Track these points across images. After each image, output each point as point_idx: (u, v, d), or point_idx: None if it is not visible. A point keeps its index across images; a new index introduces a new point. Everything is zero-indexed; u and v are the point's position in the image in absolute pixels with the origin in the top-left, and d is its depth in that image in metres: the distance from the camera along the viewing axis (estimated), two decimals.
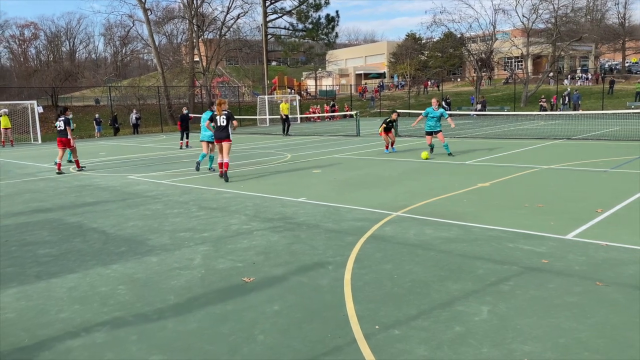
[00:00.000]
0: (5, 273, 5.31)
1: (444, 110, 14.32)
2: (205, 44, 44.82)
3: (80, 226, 7.32)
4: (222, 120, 11.16)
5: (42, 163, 16.42)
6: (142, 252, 5.92)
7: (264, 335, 3.68)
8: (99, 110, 38.00)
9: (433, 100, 14.62)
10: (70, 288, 4.81)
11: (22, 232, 7.04)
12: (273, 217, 7.42)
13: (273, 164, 14.07)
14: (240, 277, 4.93)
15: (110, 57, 73.58)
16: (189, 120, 21.60)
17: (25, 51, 71.39)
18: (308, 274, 4.95)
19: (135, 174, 12.89)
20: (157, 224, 7.27)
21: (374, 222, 6.85)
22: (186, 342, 3.62)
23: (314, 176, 11.46)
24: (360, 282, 4.67)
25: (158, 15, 46.40)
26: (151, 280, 4.94)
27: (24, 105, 29.46)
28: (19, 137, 28.23)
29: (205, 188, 10.25)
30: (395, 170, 11.82)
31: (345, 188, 9.75)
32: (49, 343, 3.69)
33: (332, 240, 6.08)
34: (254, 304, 4.25)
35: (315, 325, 3.82)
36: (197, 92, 43.62)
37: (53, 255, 5.91)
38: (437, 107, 14.11)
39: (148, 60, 70.52)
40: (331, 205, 8.13)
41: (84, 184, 11.41)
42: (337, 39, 55.13)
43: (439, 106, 14.24)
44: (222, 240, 6.31)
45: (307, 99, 54.64)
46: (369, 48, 79.62)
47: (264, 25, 45.27)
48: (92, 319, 4.09)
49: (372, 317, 3.92)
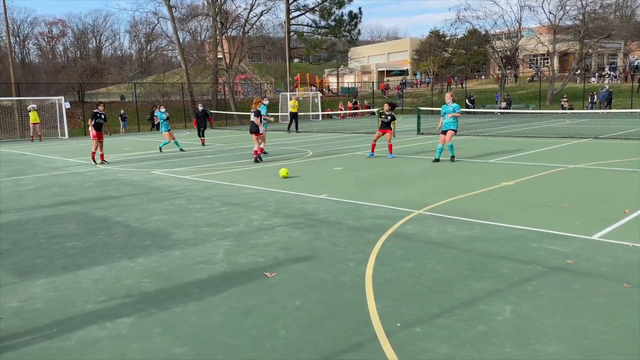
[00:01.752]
0: (35, 264, 5.45)
1: (457, 105, 12.82)
2: (228, 41, 45.12)
3: (106, 220, 7.47)
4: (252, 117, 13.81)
5: (69, 158, 16.76)
6: (166, 246, 6.01)
7: (285, 330, 3.71)
8: (124, 107, 38.59)
9: (447, 94, 13.34)
10: (96, 280, 4.91)
11: (50, 225, 7.21)
12: (294, 214, 7.45)
13: (294, 160, 14.11)
14: (262, 272, 4.97)
15: (135, 54, 74.61)
16: (206, 117, 20.95)
17: (54, 48, 72.88)
18: (329, 270, 4.97)
19: (159, 169, 13.07)
20: (180, 219, 7.37)
21: (396, 220, 6.83)
22: (209, 335, 3.67)
23: (336, 173, 11.46)
24: (381, 280, 4.66)
25: (182, 12, 46.84)
26: (175, 274, 5.02)
27: (51, 101, 30.09)
28: (47, 132, 28.85)
29: (228, 184, 10.34)
30: (417, 168, 11.75)
31: (367, 185, 9.73)
32: (76, 333, 3.78)
33: (353, 238, 6.08)
34: (276, 299, 4.29)
35: (337, 322, 3.83)
36: (220, 89, 43.94)
37: (80, 247, 6.04)
38: (450, 102, 12.73)
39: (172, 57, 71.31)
40: (352, 202, 8.12)
41: (109, 179, 11.62)
42: (360, 36, 54.88)
43: (453, 101, 12.81)
44: (244, 235, 6.36)
45: (329, 96, 54.61)
46: (392, 45, 79.11)
47: (286, 22, 45.37)
48: (117, 310, 4.18)
49: (394, 315, 3.91)
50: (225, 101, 42.34)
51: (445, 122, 12.66)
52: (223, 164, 13.66)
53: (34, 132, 26.73)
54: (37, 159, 16.75)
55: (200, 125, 20.46)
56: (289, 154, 15.63)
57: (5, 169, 14.13)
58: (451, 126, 12.63)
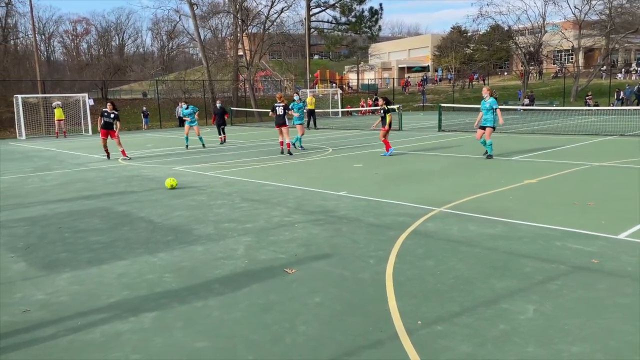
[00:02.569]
0: (60, 258, 5.56)
1: (493, 100, 12.46)
2: (249, 38, 45.30)
3: (129, 215, 7.58)
4: (280, 110, 14.72)
5: (93, 154, 17.04)
6: (187, 241, 6.07)
7: (306, 326, 3.72)
8: (146, 103, 39.07)
9: (484, 88, 12.86)
10: (120, 274, 4.99)
11: (74, 220, 7.35)
12: (314, 210, 7.46)
13: (314, 157, 14.12)
14: (283, 268, 4.99)
15: (157, 52, 75.45)
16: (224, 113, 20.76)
17: (78, 46, 74.10)
18: (349, 267, 4.96)
19: (181, 165, 13.21)
20: (201, 215, 7.44)
21: (416, 218, 6.78)
22: (230, 330, 3.70)
23: (356, 170, 11.43)
24: (402, 277, 4.64)
25: (203, 9, 47.13)
26: (196, 269, 5.07)
27: (76, 98, 30.61)
28: (71, 128, 29.36)
29: (248, 180, 10.39)
30: (438, 165, 11.65)
31: (387, 182, 9.69)
32: (100, 326, 3.84)
33: (373, 235, 6.06)
34: (296, 295, 4.30)
35: (357, 319, 3.82)
36: (241, 86, 44.18)
37: (103, 242, 6.14)
38: (487, 97, 12.40)
39: (193, 55, 71.90)
40: (372, 199, 8.10)
41: (132, 175, 11.78)
42: (380, 32, 54.60)
43: (489, 95, 12.49)
44: (264, 231, 6.39)
45: (349, 92, 54.47)
46: (413, 41, 78.48)
47: (307, 18, 45.36)
48: (140, 305, 4.24)
49: (414, 313, 3.89)
50: (245, 98, 42.56)
51: (484, 119, 12.44)
52: (243, 161, 13.74)
53: (58, 129, 27.23)
54: (62, 155, 17.07)
55: (219, 123, 20.31)
56: (308, 151, 15.64)
57: (31, 165, 14.43)
58: (488, 123, 12.37)
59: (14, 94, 28.74)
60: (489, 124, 12.39)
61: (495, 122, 12.43)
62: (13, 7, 47.42)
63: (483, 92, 12.71)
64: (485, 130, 12.47)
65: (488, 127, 12.41)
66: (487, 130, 12.44)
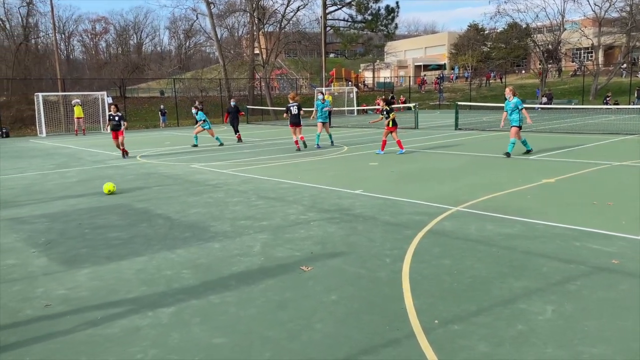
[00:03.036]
0: (80, 254, 5.64)
1: (518, 100, 12.54)
2: (265, 36, 45.45)
3: (147, 212, 7.66)
4: (294, 110, 15.39)
5: (111, 151, 17.24)
6: (204, 238, 6.12)
7: (322, 324, 3.73)
8: (163, 102, 39.42)
9: (507, 89, 12.99)
10: (138, 270, 5.05)
11: (94, 216, 7.45)
12: (329, 209, 7.46)
13: (329, 155, 14.12)
14: (298, 265, 5.01)
15: (175, 50, 76.04)
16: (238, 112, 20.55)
17: (97, 45, 75.05)
18: (366, 265, 4.96)
19: (198, 163, 13.31)
20: (218, 212, 7.49)
21: (433, 217, 6.75)
22: (247, 327, 3.73)
23: (371, 168, 11.41)
24: (418, 276, 4.62)
25: (220, 8, 47.41)
26: (213, 266, 5.11)
27: (95, 96, 31.03)
28: (90, 126, 29.75)
29: (264, 178, 10.44)
30: (455, 164, 11.57)
31: (403, 181, 9.65)
32: (119, 321, 3.89)
33: (389, 233, 6.04)
34: (312, 293, 4.31)
35: (374, 317, 3.82)
36: (257, 84, 44.34)
37: (122, 238, 6.22)
38: (511, 97, 12.52)
39: (210, 53, 72.32)
40: (388, 198, 8.08)
41: (150, 172, 11.91)
42: (397, 30, 54.39)
43: (513, 95, 12.57)
44: (280, 229, 6.41)
45: (364, 91, 54.34)
46: (429, 39, 77.99)
47: (323, 17, 45.35)
48: (158, 300, 4.28)
49: (431, 312, 3.88)
50: (261, 96, 42.71)
51: (510, 119, 12.52)
52: (259, 159, 13.80)
53: (78, 126, 27.62)
54: (81, 152, 17.31)
55: (233, 121, 20.13)
56: (323, 149, 15.65)
57: (51, 162, 14.67)
58: (514, 122, 12.47)
59: (34, 92, 29.24)
60: (515, 124, 12.47)
61: (521, 121, 12.52)
62: (34, 6, 48.16)
63: (506, 92, 12.87)
64: (511, 130, 12.57)
65: (514, 126, 12.49)
66: (512, 129, 12.53)
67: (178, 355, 3.34)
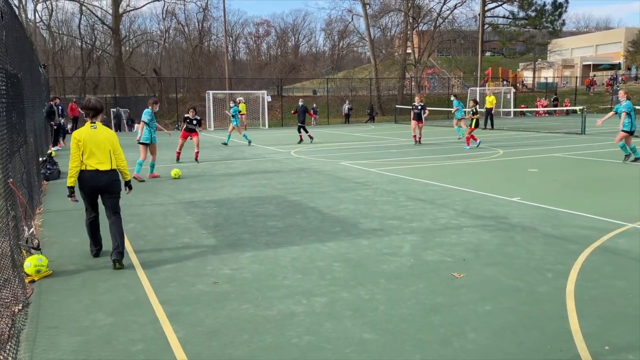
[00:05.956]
0: (242, 238, 6.14)
1: (628, 103, 12.22)
2: (418, 35, 44.96)
3: (300, 204, 8.06)
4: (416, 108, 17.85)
5: (269, 146, 18.48)
6: (354, 234, 6.26)
7: (475, 334, 3.58)
8: (315, 100, 41.13)
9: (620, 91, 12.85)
10: (293, 259, 5.34)
11: (254, 205, 8.06)
12: (483, 215, 7.14)
13: (483, 159, 13.50)
14: (450, 271, 4.87)
15: (328, 51, 78.84)
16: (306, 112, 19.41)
17: (259, 46, 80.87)
18: (524, 278, 4.65)
19: (347, 160, 13.65)
20: (367, 210, 7.60)
21: (603, 232, 6.09)
22: (397, 326, 3.73)
23: (530, 175, 10.66)
24: (585, 296, 4.21)
25: (375, 9, 48.00)
26: (363, 262, 5.20)
27: (256, 95, 33.47)
28: (250, 122, 32.18)
29: (412, 179, 10.34)
30: (630, 174, 10.28)
31: (567, 190, 8.86)
32: (277, 305, 4.16)
33: (551, 247, 5.59)
34: (465, 301, 4.17)
35: (532, 333, 3.57)
36: (407, 83, 44.09)
37: (279, 227, 6.63)
38: (624, 100, 12.26)
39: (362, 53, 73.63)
40: (550, 208, 7.47)
41: (303, 167, 12.51)
42: (564, 26, 49.99)
43: (627, 98, 12.32)
44: (430, 232, 6.30)
45: (523, 91, 50.90)
46: (602, 36, 70.27)
47: (481, 14, 43.42)
48: (312, 289, 4.49)
49: (600, 336, 3.51)
50: (410, 96, 42.31)
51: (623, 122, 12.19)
52: (407, 159, 13.70)
53: (240, 122, 30.06)
54: (243, 147, 18.81)
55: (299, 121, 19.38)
56: (476, 152, 15.00)
57: (219, 153, 16.18)
58: (623, 127, 12.10)
59: (205, 90, 32.48)
60: (623, 128, 12.14)
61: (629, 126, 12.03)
62: (209, 12, 53.58)
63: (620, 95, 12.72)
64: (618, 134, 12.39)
65: (621, 131, 12.18)
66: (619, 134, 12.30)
67: (331, 345, 3.46)
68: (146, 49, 59.80)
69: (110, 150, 5.14)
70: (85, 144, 5.03)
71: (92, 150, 5.05)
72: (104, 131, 5.19)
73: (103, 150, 5.10)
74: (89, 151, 5.04)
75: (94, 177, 5.08)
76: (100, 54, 51.90)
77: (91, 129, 5.13)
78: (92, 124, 5.17)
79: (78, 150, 5.02)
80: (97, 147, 5.07)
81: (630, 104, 12.18)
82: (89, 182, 5.10)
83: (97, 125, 5.17)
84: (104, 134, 5.16)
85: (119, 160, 5.22)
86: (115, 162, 5.19)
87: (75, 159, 5.03)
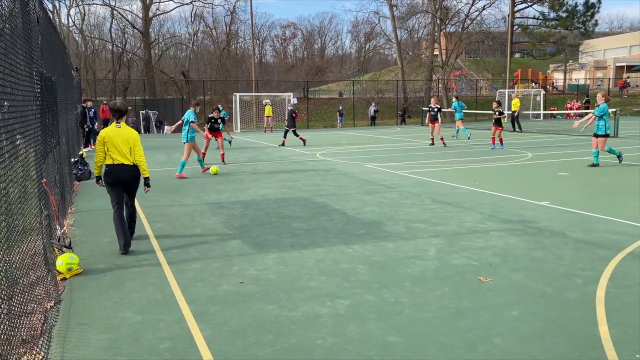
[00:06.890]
0: (268, 240, 6.19)
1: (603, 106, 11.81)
2: (446, 37, 44.55)
3: (325, 206, 8.08)
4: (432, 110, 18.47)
5: (294, 148, 18.56)
6: (379, 236, 6.25)
7: (501, 339, 3.54)
8: (341, 103, 41.17)
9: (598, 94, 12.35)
10: (318, 260, 5.36)
11: (279, 206, 8.11)
12: (511, 219, 7.03)
13: (511, 162, 13.29)
14: (476, 275, 4.82)
15: (355, 53, 78.77)
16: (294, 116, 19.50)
17: (285, 49, 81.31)
18: (552, 284, 4.56)
19: (372, 163, 13.61)
20: (392, 212, 7.57)
21: (635, 238, 5.93)
22: (422, 330, 3.71)
23: (560, 179, 10.45)
24: (616, 303, 4.11)
25: (402, 10, 47.77)
26: (388, 265, 5.19)
27: (282, 97, 33.67)
28: (277, 124, 32.38)
29: (438, 182, 10.25)
30: None
31: (598, 195, 8.66)
32: (301, 306, 4.18)
33: (581, 252, 5.47)
34: (491, 305, 4.11)
35: (560, 340, 3.51)
36: (433, 85, 43.71)
37: (304, 229, 6.66)
38: (601, 103, 11.90)
39: (388, 55, 73.34)
40: (580, 212, 7.32)
41: (328, 169, 12.53)
42: (596, 27, 48.86)
43: (606, 101, 11.90)
44: (456, 235, 6.24)
45: (553, 93, 49.93)
46: (636, 36, 68.38)
47: (510, 15, 42.78)
48: (336, 291, 4.49)
49: (632, 344, 3.42)
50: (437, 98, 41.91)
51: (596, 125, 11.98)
52: (433, 162, 13.59)
53: (267, 124, 30.28)
54: (268, 148, 18.94)
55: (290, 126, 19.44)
56: (504, 155, 14.78)
57: (245, 155, 16.34)
58: (597, 130, 11.92)
59: (232, 92, 32.84)
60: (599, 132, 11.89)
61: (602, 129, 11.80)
62: (236, 15, 54.16)
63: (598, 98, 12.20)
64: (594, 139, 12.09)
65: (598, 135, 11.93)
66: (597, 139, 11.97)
67: (354, 347, 3.47)
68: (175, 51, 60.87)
69: (131, 147, 5.70)
70: (109, 141, 5.62)
71: (116, 147, 5.63)
72: (127, 131, 5.74)
73: (125, 147, 5.67)
74: (113, 147, 5.62)
75: (119, 169, 5.68)
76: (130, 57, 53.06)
77: (116, 128, 5.71)
78: (117, 124, 5.74)
79: (102, 147, 5.64)
80: (120, 144, 5.64)
81: (605, 107, 11.84)
82: (114, 173, 5.68)
83: (121, 125, 5.74)
84: (126, 133, 5.72)
85: (136, 155, 5.76)
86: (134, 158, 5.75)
87: (100, 153, 5.67)
